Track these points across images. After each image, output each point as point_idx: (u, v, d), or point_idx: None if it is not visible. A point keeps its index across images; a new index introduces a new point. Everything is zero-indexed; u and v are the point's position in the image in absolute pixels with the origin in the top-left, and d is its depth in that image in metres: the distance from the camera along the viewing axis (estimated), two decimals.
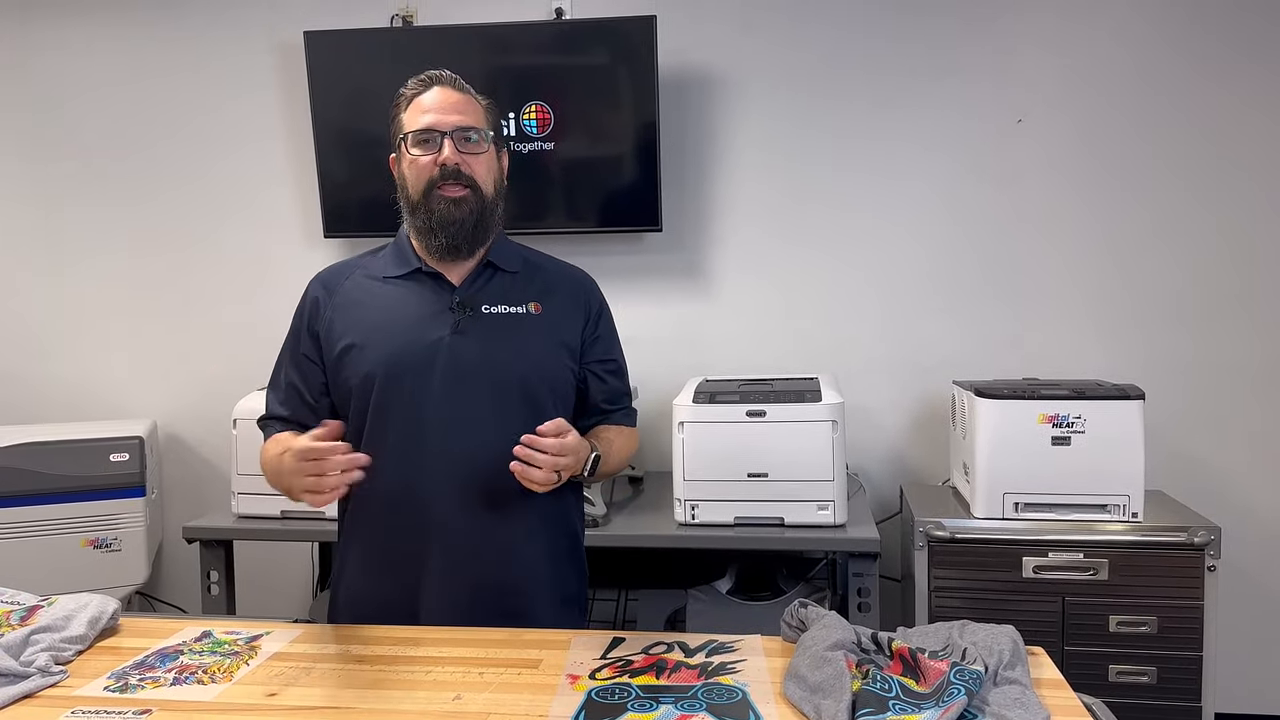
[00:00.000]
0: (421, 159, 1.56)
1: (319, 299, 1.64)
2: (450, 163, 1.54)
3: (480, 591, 1.56)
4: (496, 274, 1.63)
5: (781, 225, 2.97)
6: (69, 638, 1.43)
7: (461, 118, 1.57)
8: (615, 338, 1.75)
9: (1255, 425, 2.81)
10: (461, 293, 1.60)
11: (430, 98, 1.58)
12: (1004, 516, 2.39)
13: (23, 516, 2.82)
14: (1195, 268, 2.81)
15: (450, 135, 1.55)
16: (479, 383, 1.54)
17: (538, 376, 1.59)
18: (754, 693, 1.26)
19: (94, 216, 3.23)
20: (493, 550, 1.56)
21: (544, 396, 1.58)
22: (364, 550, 1.61)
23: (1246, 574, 2.79)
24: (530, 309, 1.62)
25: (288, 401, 1.63)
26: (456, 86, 1.60)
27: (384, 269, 1.65)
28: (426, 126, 1.56)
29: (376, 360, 1.55)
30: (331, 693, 1.29)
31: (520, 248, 1.71)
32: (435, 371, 1.54)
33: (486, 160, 1.60)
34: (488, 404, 1.55)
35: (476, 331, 1.57)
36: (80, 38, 3.17)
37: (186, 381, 3.22)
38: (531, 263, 1.70)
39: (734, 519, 2.37)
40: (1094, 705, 1.24)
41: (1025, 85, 2.84)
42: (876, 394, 2.94)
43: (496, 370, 1.56)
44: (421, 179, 1.56)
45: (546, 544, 1.62)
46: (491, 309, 1.60)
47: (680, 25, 2.90)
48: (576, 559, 1.71)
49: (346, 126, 2.97)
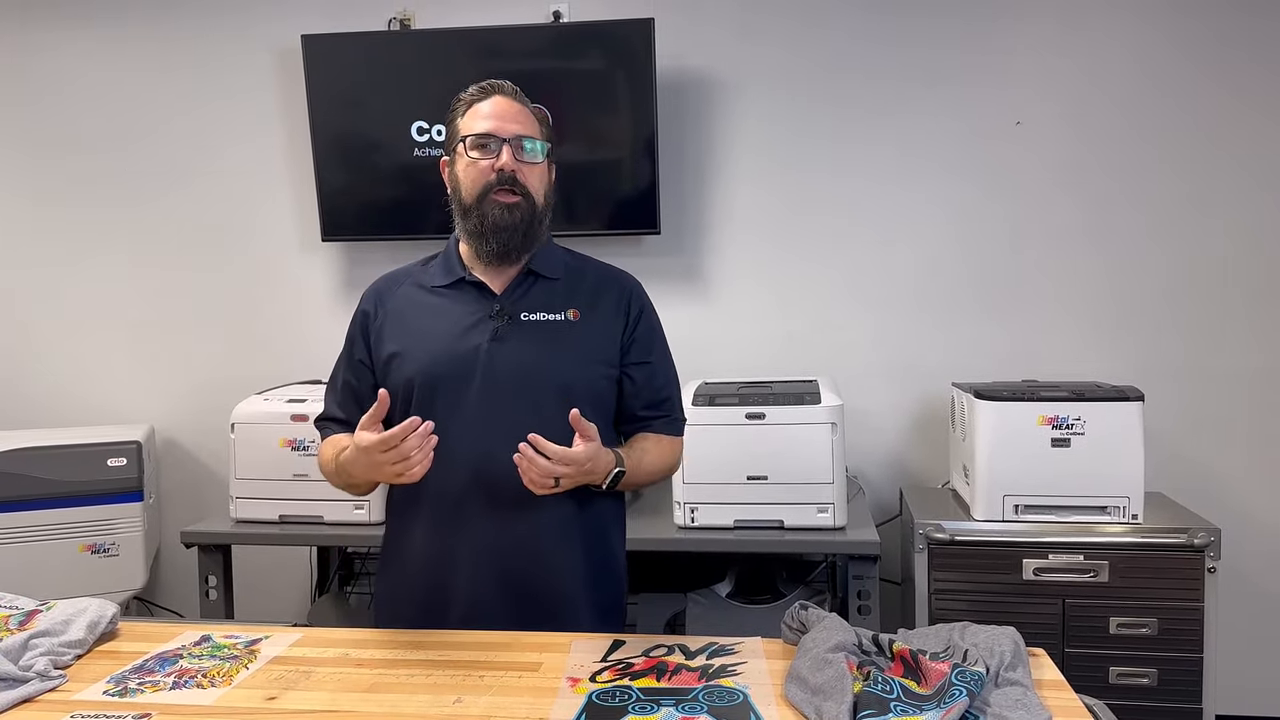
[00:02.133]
0: (480, 163, 1.57)
1: (372, 308, 1.68)
2: (508, 169, 1.56)
3: (514, 598, 1.56)
4: (538, 281, 1.65)
5: (780, 228, 2.97)
6: (68, 642, 1.43)
7: (520, 127, 1.59)
8: (655, 341, 1.72)
9: (1255, 427, 2.81)
10: (502, 301, 1.62)
11: (489, 105, 1.60)
12: (1004, 518, 2.39)
13: (21, 521, 2.81)
14: (1194, 269, 2.81)
15: (509, 143, 1.57)
16: (516, 390, 1.56)
17: (574, 383, 1.60)
18: (755, 695, 1.26)
19: (92, 220, 3.23)
20: (526, 557, 1.57)
21: (581, 403, 1.56)
22: (405, 554, 1.63)
23: (1246, 576, 2.79)
24: (569, 316, 1.63)
25: (344, 404, 1.68)
26: (516, 97, 1.62)
27: (432, 279, 1.67)
28: (486, 131, 1.57)
29: (416, 368, 1.58)
30: (331, 696, 1.29)
31: (564, 252, 1.73)
32: (474, 378, 1.56)
33: (540, 171, 1.62)
34: (524, 411, 1.54)
35: (515, 339, 1.59)
36: (79, 40, 3.17)
37: (185, 386, 3.22)
38: (573, 268, 1.70)
39: (733, 522, 2.37)
40: (1095, 706, 1.24)
41: (1023, 90, 2.84)
42: (876, 396, 2.94)
43: (533, 377, 1.57)
44: (478, 183, 1.58)
45: (583, 554, 1.61)
46: (531, 316, 1.61)
47: (678, 29, 2.90)
48: (614, 571, 1.70)
49: (344, 130, 2.97)
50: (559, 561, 1.59)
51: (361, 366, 1.66)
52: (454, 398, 1.55)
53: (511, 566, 1.57)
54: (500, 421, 1.54)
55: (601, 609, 1.64)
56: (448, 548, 1.57)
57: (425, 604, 1.58)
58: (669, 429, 1.70)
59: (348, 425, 1.63)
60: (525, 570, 1.57)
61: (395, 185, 2.97)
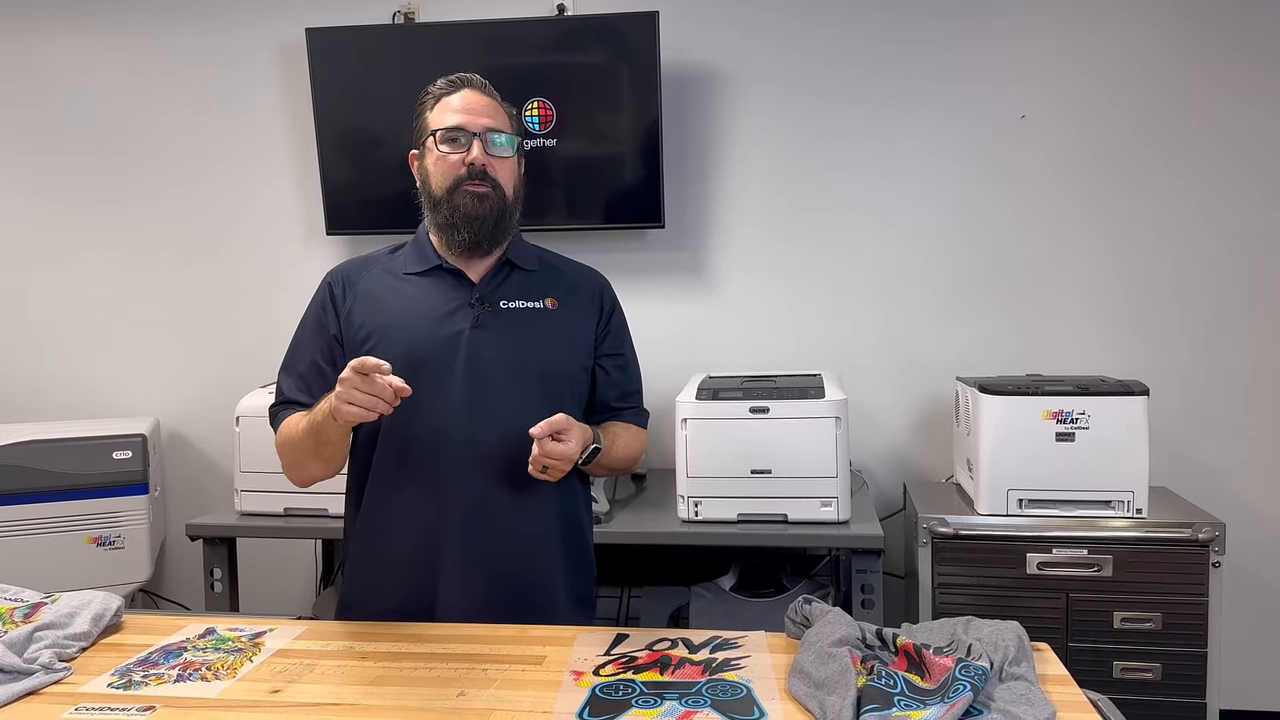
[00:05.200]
0: (450, 156, 1.58)
1: (340, 290, 1.65)
2: (478, 163, 1.57)
3: (497, 587, 1.57)
4: (515, 271, 1.67)
5: (784, 222, 2.96)
6: (73, 634, 1.43)
7: (491, 121, 1.60)
8: (625, 336, 1.78)
9: (1260, 421, 2.80)
10: (481, 288, 1.62)
11: (459, 99, 1.60)
12: (1008, 513, 2.38)
13: (26, 514, 2.82)
14: (1199, 264, 2.80)
15: (479, 137, 1.58)
16: (498, 375, 1.57)
17: (555, 369, 1.63)
18: (758, 689, 1.26)
19: (97, 214, 3.23)
20: (509, 544, 1.58)
21: (561, 389, 1.62)
22: (379, 547, 1.61)
23: (1251, 570, 2.78)
24: (547, 304, 1.66)
25: (310, 386, 1.62)
26: (485, 91, 1.63)
27: (404, 265, 1.67)
28: (456, 125, 1.58)
29: (396, 353, 1.55)
30: (335, 689, 1.29)
31: (537, 249, 1.75)
32: (456, 364, 1.57)
33: (510, 165, 1.63)
34: (507, 396, 1.57)
35: (495, 326, 1.60)
36: (82, 34, 3.17)
37: (190, 379, 3.22)
38: (548, 263, 1.74)
39: (737, 516, 2.37)
40: (1100, 701, 1.24)
41: (1028, 85, 2.83)
42: (880, 391, 2.94)
43: (515, 363, 1.59)
44: (449, 176, 1.59)
45: (561, 540, 1.64)
46: (510, 304, 1.63)
47: (682, 23, 2.89)
48: (586, 560, 1.73)
49: (348, 123, 2.97)
50: (542, 547, 1.61)
51: (335, 343, 1.62)
52: (438, 381, 1.55)
53: (495, 553, 1.57)
54: (486, 406, 1.56)
55: (577, 598, 1.66)
56: (429, 535, 1.56)
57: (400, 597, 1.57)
58: (637, 419, 1.76)
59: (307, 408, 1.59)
60: (510, 557, 1.58)
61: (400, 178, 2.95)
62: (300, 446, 1.56)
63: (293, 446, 1.59)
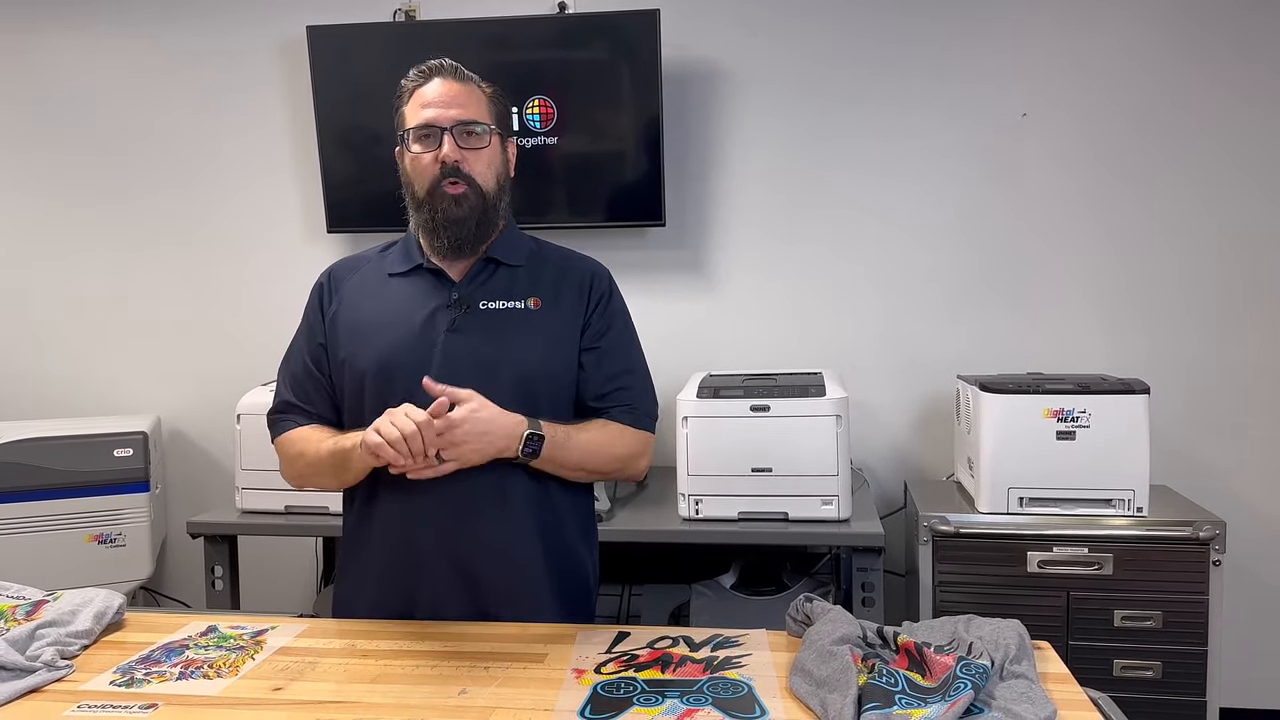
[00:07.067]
0: (423, 156, 1.55)
1: (328, 289, 1.65)
2: (449, 160, 1.53)
3: (475, 595, 1.54)
4: (498, 269, 1.62)
5: (785, 220, 2.96)
6: (74, 632, 1.43)
7: (461, 110, 1.54)
8: (613, 328, 1.65)
9: (1260, 420, 2.80)
10: (460, 289, 1.59)
11: (431, 90, 1.56)
12: (1009, 511, 2.38)
13: (27, 512, 2.82)
14: (1200, 263, 2.80)
15: (450, 131, 1.53)
16: (472, 380, 1.49)
17: (532, 373, 1.56)
18: (759, 687, 1.26)
19: (97, 211, 3.23)
20: (484, 552, 1.54)
21: (539, 393, 1.55)
22: (361, 552, 1.60)
23: (1251, 569, 2.78)
24: (529, 304, 1.59)
25: (305, 389, 1.62)
26: (458, 76, 1.58)
27: (391, 265, 1.65)
28: (426, 122, 1.54)
29: (371, 357, 1.55)
30: (337, 687, 1.29)
31: (529, 240, 1.69)
32: (430, 369, 1.50)
33: (488, 155, 1.57)
34: None
35: (472, 328, 1.56)
36: (82, 34, 3.17)
37: (190, 377, 3.22)
38: (537, 255, 1.67)
39: (738, 514, 2.37)
40: (1100, 700, 1.24)
41: (1028, 84, 2.82)
42: (881, 389, 2.94)
43: (490, 367, 1.53)
44: (425, 176, 1.55)
45: (543, 547, 1.58)
46: (490, 305, 1.58)
47: (683, 20, 2.89)
48: (577, 568, 1.64)
49: (349, 121, 2.97)
50: (516, 553, 1.55)
51: (321, 350, 1.62)
52: (410, 388, 1.47)
53: (473, 559, 1.53)
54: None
55: (569, 609, 1.59)
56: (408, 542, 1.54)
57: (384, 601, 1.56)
58: (624, 418, 1.61)
59: (307, 414, 1.60)
60: (483, 565, 1.54)
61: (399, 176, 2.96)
62: (318, 467, 1.56)
63: (308, 464, 1.57)
